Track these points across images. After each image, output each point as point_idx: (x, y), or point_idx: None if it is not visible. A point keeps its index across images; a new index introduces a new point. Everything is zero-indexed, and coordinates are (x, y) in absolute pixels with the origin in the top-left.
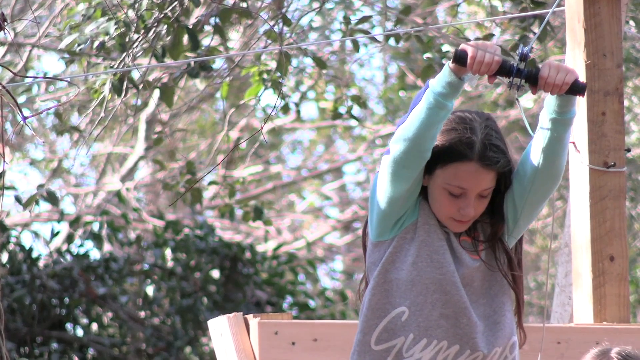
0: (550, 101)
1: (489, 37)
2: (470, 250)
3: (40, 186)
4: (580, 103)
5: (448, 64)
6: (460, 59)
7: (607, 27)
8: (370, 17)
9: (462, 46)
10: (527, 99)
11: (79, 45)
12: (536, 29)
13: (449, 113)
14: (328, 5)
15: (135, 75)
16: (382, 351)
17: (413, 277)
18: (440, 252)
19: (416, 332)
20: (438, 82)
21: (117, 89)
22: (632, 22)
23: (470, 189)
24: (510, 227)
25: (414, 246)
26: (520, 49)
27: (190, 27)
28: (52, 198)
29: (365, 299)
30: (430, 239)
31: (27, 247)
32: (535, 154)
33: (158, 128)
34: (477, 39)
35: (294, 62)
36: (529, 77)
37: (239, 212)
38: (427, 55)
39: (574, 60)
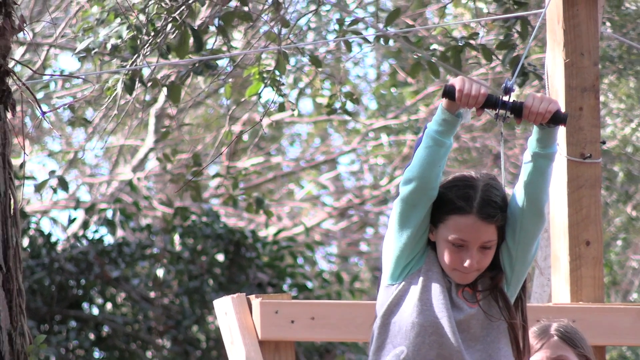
0: (532, 139)
1: (474, 35)
2: (469, 300)
3: (52, 172)
4: (559, 98)
5: (441, 104)
6: (449, 93)
7: (585, 28)
8: (362, 19)
9: (451, 81)
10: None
11: (93, 48)
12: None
13: (449, 150)
14: (324, 8)
15: (145, 73)
16: None
17: (413, 320)
18: (439, 298)
19: None
20: (434, 121)
21: (128, 87)
22: (608, 23)
23: (471, 241)
24: (508, 276)
25: (417, 291)
26: (504, 83)
27: (196, 28)
28: (62, 183)
29: (372, 335)
30: (431, 285)
31: (46, 233)
32: (520, 193)
33: (166, 122)
34: (463, 37)
35: (292, 61)
36: (514, 108)
37: (242, 199)
38: (416, 54)
39: (554, 58)
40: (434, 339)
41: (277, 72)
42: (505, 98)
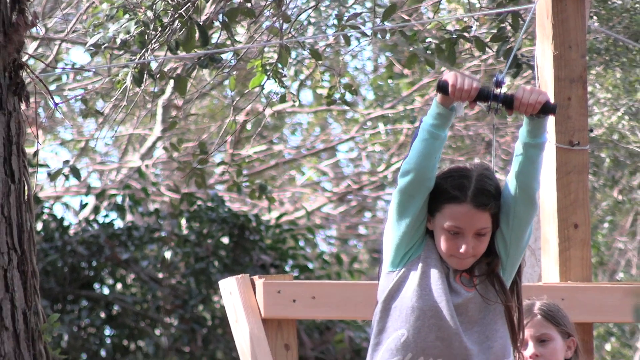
0: (523, 130)
1: (467, 28)
2: (467, 285)
3: (66, 162)
4: (548, 89)
5: (435, 98)
6: (442, 88)
7: (573, 22)
8: (359, 14)
9: (444, 77)
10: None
11: (103, 43)
12: (510, 20)
13: (443, 142)
14: (323, 3)
15: (153, 66)
16: None
17: (413, 304)
18: (438, 283)
19: (414, 351)
20: (429, 115)
21: (137, 80)
22: (595, 17)
23: (466, 229)
24: (503, 261)
25: (417, 276)
26: (495, 77)
27: (201, 23)
28: (75, 172)
29: (374, 319)
30: (429, 271)
31: (59, 217)
32: (512, 182)
33: (173, 113)
34: (456, 30)
35: (293, 54)
36: (506, 100)
37: (245, 186)
38: (412, 47)
39: (543, 51)
40: (433, 322)
41: (279, 65)
42: (497, 91)
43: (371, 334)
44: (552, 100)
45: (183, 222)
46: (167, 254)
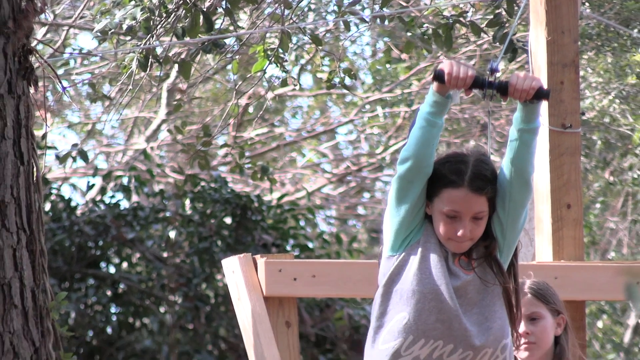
0: (517, 115)
1: (463, 13)
2: (465, 268)
3: (74, 145)
4: (542, 73)
5: (431, 87)
6: (439, 76)
7: (566, 8)
8: (359, 0)
9: (440, 65)
10: None
11: (110, 29)
12: (505, 6)
13: (441, 129)
14: None
15: (158, 51)
16: (384, 349)
17: (413, 287)
18: (437, 266)
19: (415, 334)
20: (426, 103)
21: (142, 65)
22: (587, 4)
23: (463, 212)
24: (500, 244)
25: (416, 261)
26: (490, 64)
27: (205, 10)
28: (83, 155)
29: (375, 302)
30: (429, 255)
31: (66, 198)
32: (507, 166)
33: (177, 96)
34: (453, 15)
35: (294, 39)
36: (500, 87)
37: (248, 167)
38: (410, 32)
39: (537, 37)
40: (433, 304)
41: (280, 50)
42: (492, 78)
43: (371, 316)
44: (545, 86)
45: (187, 202)
46: (172, 234)
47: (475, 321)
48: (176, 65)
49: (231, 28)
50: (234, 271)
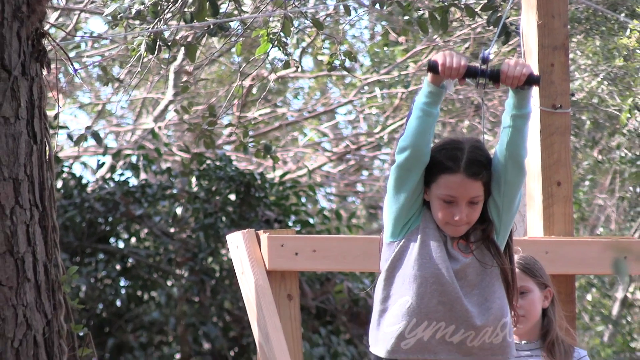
0: (509, 102)
1: None
2: (464, 251)
3: (88, 128)
4: (533, 56)
5: (426, 78)
6: (433, 67)
7: None
8: None
9: (433, 57)
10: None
11: (119, 14)
12: None
13: (436, 118)
14: None
15: (166, 35)
16: (389, 332)
17: (415, 272)
18: (437, 251)
19: (418, 317)
20: (422, 94)
21: (150, 48)
22: None
23: (459, 197)
24: (497, 226)
25: (417, 246)
26: (482, 53)
27: None
28: (97, 138)
29: (377, 287)
30: (429, 240)
31: (77, 176)
32: (502, 151)
33: (184, 78)
34: None
35: (296, 23)
36: (492, 75)
37: (251, 146)
38: (407, 16)
39: (528, 20)
40: (434, 288)
41: (282, 34)
42: (484, 67)
43: (374, 300)
44: (535, 72)
45: (193, 180)
46: (178, 210)
47: (475, 302)
48: (183, 48)
49: (235, 12)
50: (238, 246)
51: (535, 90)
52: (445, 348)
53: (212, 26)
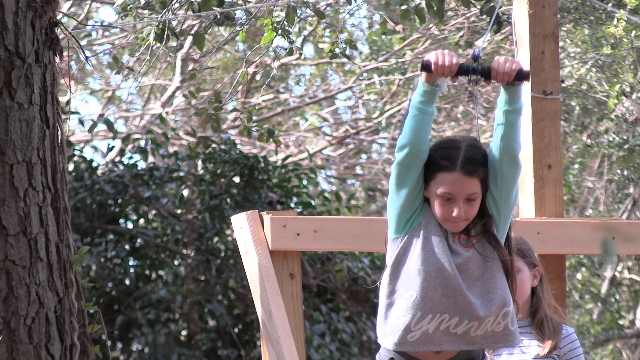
0: (501, 98)
1: None
2: (465, 245)
3: (101, 116)
4: (524, 44)
5: (420, 78)
6: (426, 67)
7: None
8: None
9: (426, 57)
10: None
11: (129, 4)
12: None
13: (432, 116)
14: None
15: (173, 24)
16: (395, 325)
17: (419, 267)
18: (440, 246)
19: (423, 310)
20: (417, 94)
21: (158, 37)
22: None
23: (457, 194)
24: (496, 220)
25: (420, 242)
26: (472, 52)
27: None
28: (109, 125)
29: (383, 281)
30: (431, 235)
31: (88, 159)
32: (496, 146)
33: (191, 65)
34: None
35: (298, 12)
36: (483, 72)
37: (255, 130)
38: (404, 6)
39: (520, 10)
40: (438, 282)
41: (285, 23)
42: (475, 65)
43: (380, 294)
44: (524, 68)
45: (199, 163)
46: (185, 192)
47: (478, 294)
48: (190, 37)
49: (240, 2)
50: (242, 227)
51: (526, 85)
52: (449, 339)
53: (218, 16)
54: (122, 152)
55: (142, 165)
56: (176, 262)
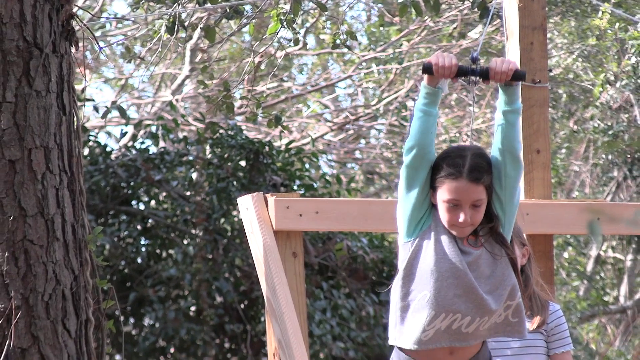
0: (500, 100)
1: None
2: (474, 245)
3: (114, 103)
4: (514, 36)
5: (423, 81)
6: (427, 69)
7: None
8: None
9: (427, 59)
10: (475, 32)
11: None
12: None
13: (436, 118)
14: None
15: (183, 17)
16: (411, 326)
17: (431, 268)
18: (450, 247)
19: (436, 309)
20: (420, 97)
21: (169, 29)
22: None
23: (463, 201)
24: (502, 220)
25: (431, 244)
26: (471, 54)
27: None
28: (122, 112)
29: (396, 284)
30: (441, 238)
31: (102, 144)
32: (498, 148)
33: (199, 55)
34: None
35: (302, 5)
36: (482, 72)
37: (261, 117)
38: None
39: (510, 3)
40: (450, 281)
41: (291, 15)
42: (474, 66)
43: (392, 298)
44: (520, 69)
45: (207, 147)
46: (194, 175)
47: (488, 290)
48: (199, 28)
49: None
50: (247, 208)
51: (517, 63)
52: (460, 337)
53: (228, 10)
54: (134, 138)
55: (153, 149)
56: (185, 242)
